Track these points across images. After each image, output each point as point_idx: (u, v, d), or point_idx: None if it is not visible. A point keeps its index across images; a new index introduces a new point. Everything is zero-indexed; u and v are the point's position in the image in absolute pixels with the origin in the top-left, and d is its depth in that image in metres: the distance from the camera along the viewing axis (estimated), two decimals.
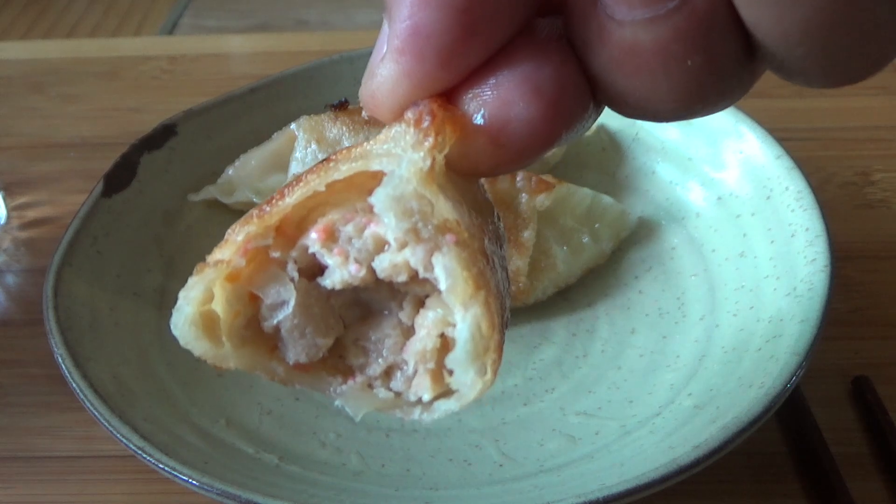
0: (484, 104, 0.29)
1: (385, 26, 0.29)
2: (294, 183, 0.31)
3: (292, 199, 0.31)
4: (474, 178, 0.33)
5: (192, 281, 0.32)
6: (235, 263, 0.31)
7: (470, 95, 0.29)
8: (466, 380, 0.29)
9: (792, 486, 0.60)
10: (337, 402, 0.33)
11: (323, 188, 0.31)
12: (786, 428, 0.64)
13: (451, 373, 0.30)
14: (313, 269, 0.31)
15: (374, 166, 0.30)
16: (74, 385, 0.58)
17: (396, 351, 0.32)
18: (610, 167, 0.84)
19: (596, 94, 0.29)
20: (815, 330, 0.59)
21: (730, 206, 0.76)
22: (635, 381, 0.66)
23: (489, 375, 0.29)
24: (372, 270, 0.30)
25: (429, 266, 0.29)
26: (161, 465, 0.53)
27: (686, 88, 0.27)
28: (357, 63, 0.87)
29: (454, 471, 0.61)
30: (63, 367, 0.60)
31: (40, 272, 0.70)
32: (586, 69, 0.29)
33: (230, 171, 0.80)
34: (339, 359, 0.33)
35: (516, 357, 0.70)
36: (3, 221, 0.87)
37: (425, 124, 0.29)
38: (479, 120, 0.29)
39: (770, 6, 0.24)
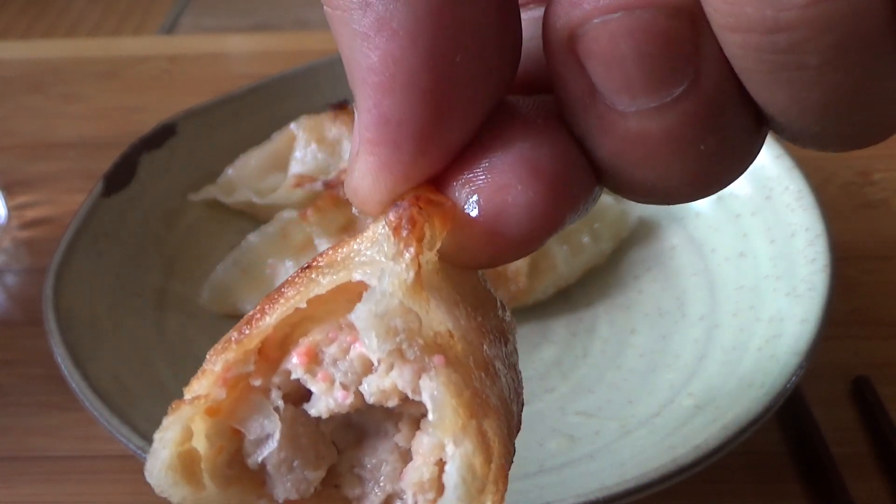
0: (477, 190, 0.26)
1: (356, 115, 0.27)
2: (274, 297, 0.29)
3: (272, 318, 0.28)
4: (472, 271, 0.30)
5: (167, 421, 0.28)
6: (215, 396, 0.28)
7: (461, 182, 0.26)
8: None
9: (792, 486, 0.60)
10: None
11: (304, 305, 0.28)
12: (786, 428, 0.64)
13: None
14: (300, 393, 0.28)
15: (357, 276, 0.27)
16: (74, 385, 0.58)
17: (395, 479, 0.28)
18: None
19: (601, 180, 0.27)
20: (816, 330, 0.59)
21: (730, 206, 0.76)
22: (635, 381, 0.66)
23: None
24: (360, 395, 0.27)
25: (417, 389, 0.27)
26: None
27: (700, 171, 0.25)
28: None
29: None
30: (63, 367, 0.60)
31: (40, 272, 0.70)
32: (589, 157, 0.26)
33: (230, 171, 0.80)
34: (334, 489, 0.30)
35: None
36: (3, 221, 0.87)
37: (404, 232, 0.26)
38: (472, 208, 0.26)
39: (785, 88, 0.23)
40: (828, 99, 0.23)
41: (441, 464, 0.27)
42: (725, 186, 0.27)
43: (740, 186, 0.76)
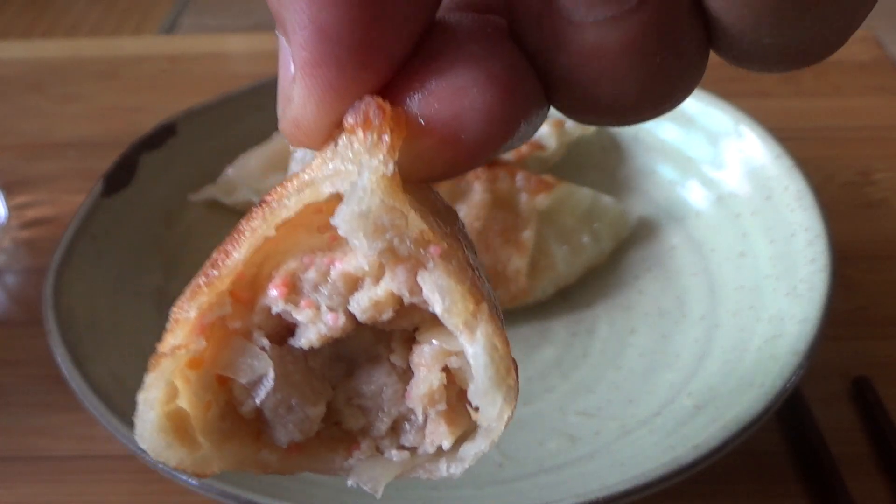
0: (432, 95, 0.25)
1: (283, 43, 0.26)
2: (234, 237, 0.27)
3: (241, 254, 0.26)
4: (427, 186, 0.30)
5: (149, 378, 0.27)
6: (195, 347, 0.26)
7: (412, 92, 0.26)
8: (495, 411, 0.26)
9: (792, 486, 0.60)
10: (350, 483, 0.29)
11: (273, 232, 0.26)
12: (786, 428, 0.64)
13: (475, 408, 0.26)
14: (281, 332, 0.27)
15: (326, 189, 0.26)
16: (74, 385, 0.58)
17: (398, 401, 0.28)
18: (610, 167, 0.84)
19: (553, 99, 0.27)
20: (815, 330, 0.59)
21: (730, 206, 0.76)
22: (635, 381, 0.66)
23: (515, 399, 0.26)
24: (351, 316, 0.26)
25: (415, 289, 0.25)
26: (161, 465, 0.53)
27: (655, 85, 0.25)
28: None
29: None
30: (63, 367, 0.60)
31: (40, 272, 0.70)
32: (542, 74, 0.26)
33: (230, 171, 0.80)
34: (335, 427, 0.28)
35: (516, 357, 0.69)
36: (3, 221, 0.87)
37: (376, 121, 0.25)
38: (428, 114, 0.25)
39: None
40: (782, 2, 0.23)
41: (447, 370, 0.26)
42: (676, 105, 0.27)
43: (740, 186, 0.76)
